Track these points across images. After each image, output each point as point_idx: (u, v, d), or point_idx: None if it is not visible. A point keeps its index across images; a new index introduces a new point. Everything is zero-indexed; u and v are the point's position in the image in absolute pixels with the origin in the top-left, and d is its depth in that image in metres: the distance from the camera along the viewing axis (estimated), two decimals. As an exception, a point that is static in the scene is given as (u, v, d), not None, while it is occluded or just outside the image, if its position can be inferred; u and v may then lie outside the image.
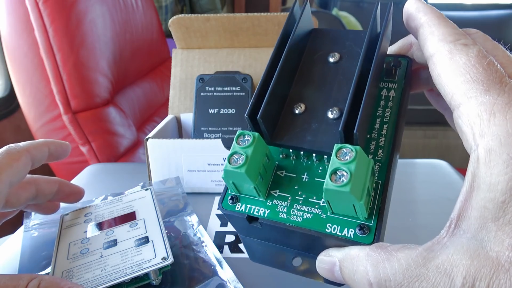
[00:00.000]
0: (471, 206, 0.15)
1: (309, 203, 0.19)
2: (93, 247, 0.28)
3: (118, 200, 0.33)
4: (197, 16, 0.47)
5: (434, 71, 0.17)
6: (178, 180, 0.40)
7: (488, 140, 0.14)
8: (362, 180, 0.17)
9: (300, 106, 0.20)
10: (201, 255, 0.30)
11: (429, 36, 0.17)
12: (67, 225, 0.31)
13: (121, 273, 0.25)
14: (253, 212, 0.20)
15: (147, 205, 0.32)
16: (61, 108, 0.74)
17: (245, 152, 0.18)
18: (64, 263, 0.27)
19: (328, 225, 0.18)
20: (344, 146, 0.17)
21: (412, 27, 0.19)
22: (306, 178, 0.20)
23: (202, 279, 0.27)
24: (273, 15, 0.46)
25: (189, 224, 0.33)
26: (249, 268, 0.29)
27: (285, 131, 0.20)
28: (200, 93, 0.46)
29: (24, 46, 0.73)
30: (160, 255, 0.26)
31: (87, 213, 0.32)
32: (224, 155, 0.40)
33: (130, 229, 0.29)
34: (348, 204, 0.17)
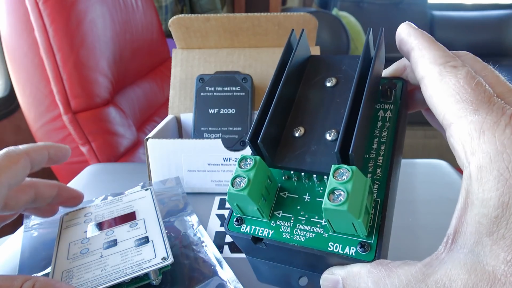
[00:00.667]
0: (466, 222, 0.15)
1: (311, 223, 0.20)
2: (93, 247, 0.28)
3: (118, 200, 0.33)
4: (197, 16, 0.47)
5: (426, 92, 0.18)
6: (178, 180, 0.40)
7: (479, 158, 0.15)
8: (360, 199, 0.18)
9: (299, 129, 0.21)
10: (201, 255, 0.30)
11: (420, 59, 0.18)
12: (67, 225, 0.31)
13: (121, 273, 0.25)
14: (258, 233, 0.20)
15: (147, 205, 0.32)
16: (61, 108, 0.74)
17: (247, 175, 0.19)
18: (64, 263, 0.27)
19: (330, 244, 0.19)
20: (340, 166, 0.18)
21: (404, 50, 0.20)
22: (308, 198, 0.21)
23: (202, 279, 0.27)
24: (273, 15, 0.46)
25: (189, 224, 0.33)
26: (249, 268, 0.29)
27: (286, 154, 0.21)
28: (200, 93, 0.46)
29: (24, 46, 0.73)
30: (160, 255, 0.26)
31: (87, 213, 0.32)
32: (224, 155, 0.40)
33: (130, 229, 0.29)
34: (347, 222, 0.18)
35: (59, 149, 0.30)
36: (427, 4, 2.33)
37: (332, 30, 1.74)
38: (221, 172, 0.41)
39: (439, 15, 2.37)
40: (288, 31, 0.47)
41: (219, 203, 0.40)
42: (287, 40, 0.23)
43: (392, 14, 2.25)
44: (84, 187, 0.46)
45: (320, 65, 0.24)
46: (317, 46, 0.50)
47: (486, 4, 2.49)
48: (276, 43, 0.49)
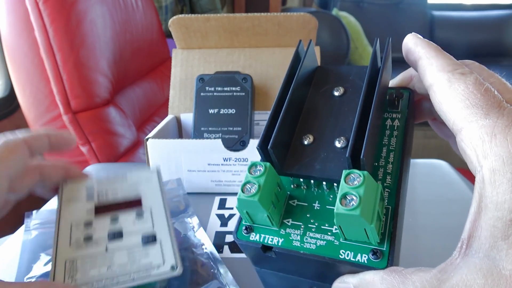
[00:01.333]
0: (480, 226, 0.15)
1: (321, 231, 0.20)
2: (98, 235, 0.26)
3: (122, 179, 0.31)
4: (197, 16, 0.47)
5: (435, 99, 0.18)
6: (180, 181, 0.40)
7: (492, 161, 0.15)
8: (372, 204, 0.18)
9: (308, 137, 0.21)
10: (201, 258, 0.29)
11: (428, 67, 0.18)
12: (68, 197, 0.29)
13: (127, 276, 0.24)
14: (267, 241, 0.20)
15: (154, 191, 0.30)
16: (61, 108, 0.74)
17: (258, 181, 0.19)
18: (67, 250, 0.25)
19: (342, 251, 0.19)
20: (352, 171, 0.18)
21: (412, 60, 0.20)
22: (318, 206, 0.21)
23: (201, 282, 0.27)
24: (273, 15, 0.46)
25: (190, 226, 0.33)
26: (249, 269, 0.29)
27: (295, 161, 0.21)
28: (200, 93, 0.46)
29: (24, 46, 0.73)
30: (169, 262, 0.25)
31: (89, 187, 0.30)
32: (224, 155, 0.40)
33: (136, 220, 0.28)
34: (359, 228, 0.18)
35: (61, 136, 0.29)
36: (427, 4, 2.33)
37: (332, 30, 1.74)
38: (221, 172, 0.41)
39: (439, 15, 2.37)
40: (288, 31, 0.47)
41: (219, 203, 0.40)
42: (295, 51, 0.23)
43: (392, 14, 2.25)
44: (84, 187, 0.46)
45: (327, 75, 0.24)
46: (317, 46, 0.50)
47: (486, 4, 2.49)
48: (276, 43, 0.49)
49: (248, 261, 0.31)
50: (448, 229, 0.33)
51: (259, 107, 0.49)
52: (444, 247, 0.30)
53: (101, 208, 0.28)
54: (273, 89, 0.49)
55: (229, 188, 0.42)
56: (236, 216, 0.38)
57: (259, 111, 0.49)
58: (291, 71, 0.23)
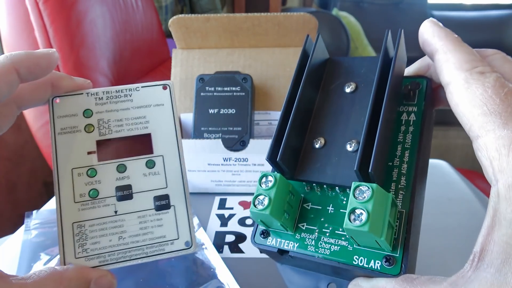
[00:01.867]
0: (493, 241, 0.15)
1: (335, 235, 0.20)
2: (104, 190, 0.23)
3: (126, 98, 0.25)
4: (197, 16, 0.47)
5: (452, 100, 0.17)
6: None
7: (508, 177, 0.14)
8: (381, 217, 0.17)
9: (319, 140, 0.21)
10: (200, 258, 0.29)
11: (445, 64, 0.17)
12: (62, 126, 0.24)
13: (141, 251, 0.23)
14: (283, 246, 0.21)
15: (166, 125, 0.25)
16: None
17: (268, 194, 0.19)
18: (73, 209, 0.23)
19: (355, 257, 0.19)
20: (360, 184, 0.17)
21: (428, 51, 0.19)
22: (332, 209, 0.21)
23: (201, 282, 0.27)
24: (273, 15, 0.46)
25: None
26: (248, 268, 0.29)
27: (307, 167, 0.21)
28: (200, 93, 0.46)
29: (24, 46, 0.73)
30: (183, 236, 0.23)
31: (86, 109, 0.24)
32: (224, 155, 0.40)
33: (146, 171, 0.24)
34: (370, 239, 0.18)
35: (32, 60, 0.22)
36: (427, 4, 2.33)
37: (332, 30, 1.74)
38: (221, 172, 0.41)
39: (439, 15, 2.37)
40: (288, 31, 0.47)
41: (219, 203, 0.40)
42: (302, 47, 0.22)
43: (392, 14, 2.25)
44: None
45: (338, 69, 0.23)
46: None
47: (486, 4, 2.49)
48: (276, 43, 0.49)
49: (249, 261, 0.31)
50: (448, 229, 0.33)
51: (259, 107, 0.49)
52: (444, 247, 0.30)
53: (104, 147, 0.24)
54: (273, 89, 0.49)
55: (229, 188, 0.42)
56: (236, 217, 0.38)
57: (259, 111, 0.49)
58: (300, 69, 0.22)
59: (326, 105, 0.22)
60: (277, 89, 0.49)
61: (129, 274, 0.28)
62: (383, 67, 0.20)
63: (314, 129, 0.22)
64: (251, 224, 0.36)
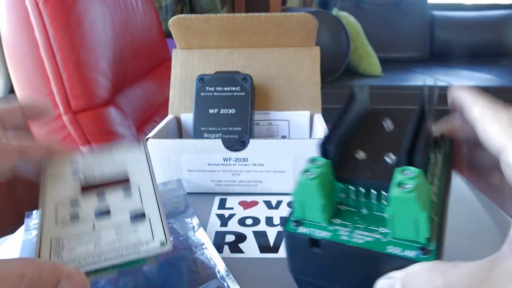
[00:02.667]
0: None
1: (370, 230, 0.21)
2: (84, 214, 0.25)
3: (108, 153, 0.30)
4: (197, 16, 0.47)
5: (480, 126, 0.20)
6: (180, 182, 0.40)
7: None
8: (425, 195, 0.18)
9: (360, 153, 0.23)
10: (201, 258, 0.29)
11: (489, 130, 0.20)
12: (51, 173, 0.28)
13: (116, 253, 0.23)
14: (316, 234, 0.21)
15: (141, 165, 0.29)
16: (61, 108, 0.74)
17: (318, 170, 0.21)
18: (53, 229, 0.24)
19: (389, 247, 0.19)
20: (406, 168, 0.19)
21: (468, 117, 0.22)
22: (366, 212, 0.22)
23: (201, 282, 0.27)
24: (273, 15, 0.46)
25: (190, 226, 0.33)
26: (248, 269, 0.29)
27: (348, 169, 0.22)
28: (200, 93, 0.46)
29: (24, 46, 0.73)
30: (158, 238, 0.24)
31: (74, 162, 0.29)
32: (224, 155, 0.40)
33: (123, 196, 0.27)
34: (411, 218, 0.18)
35: (35, 105, 0.28)
36: (427, 4, 2.33)
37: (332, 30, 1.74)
38: (221, 172, 0.41)
39: (439, 15, 2.37)
40: (288, 31, 0.47)
41: (219, 203, 0.40)
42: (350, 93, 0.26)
43: (392, 14, 2.25)
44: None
45: (378, 112, 0.27)
46: (317, 46, 0.50)
47: (486, 4, 2.49)
48: (276, 43, 0.49)
49: (249, 261, 0.31)
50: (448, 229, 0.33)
51: (259, 107, 0.49)
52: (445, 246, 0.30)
53: (88, 187, 0.27)
54: (273, 89, 0.49)
55: (229, 188, 0.42)
56: (236, 217, 0.38)
57: (259, 111, 0.49)
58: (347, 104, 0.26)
59: (367, 130, 0.25)
60: (277, 89, 0.49)
61: (129, 274, 0.28)
62: (419, 114, 0.23)
63: (355, 144, 0.24)
64: (251, 224, 0.36)
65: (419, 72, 2.00)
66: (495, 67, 2.09)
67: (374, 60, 1.92)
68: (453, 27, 2.33)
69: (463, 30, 2.32)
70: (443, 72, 2.00)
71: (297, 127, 0.49)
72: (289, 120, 0.49)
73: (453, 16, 2.38)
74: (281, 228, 0.22)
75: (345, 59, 1.79)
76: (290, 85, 0.49)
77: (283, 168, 0.40)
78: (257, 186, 0.42)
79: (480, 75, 1.92)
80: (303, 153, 0.40)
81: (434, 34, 2.32)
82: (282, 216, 0.37)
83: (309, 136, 0.49)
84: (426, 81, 1.82)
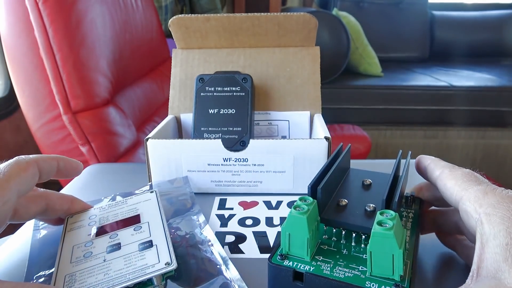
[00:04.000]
0: (485, 258, 0.19)
1: (349, 267, 0.23)
2: (97, 251, 0.27)
3: (123, 203, 0.33)
4: (197, 16, 0.47)
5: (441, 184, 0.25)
6: (186, 179, 0.40)
7: (486, 207, 0.20)
8: (400, 235, 0.21)
9: (344, 201, 0.27)
10: (207, 255, 0.29)
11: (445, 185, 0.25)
12: (71, 227, 0.31)
13: (123, 278, 0.25)
14: (299, 268, 0.23)
15: (152, 208, 0.32)
16: (61, 108, 0.74)
17: (307, 207, 0.23)
18: (67, 267, 0.26)
19: (367, 282, 0.22)
20: (386, 210, 0.22)
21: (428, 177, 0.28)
22: (346, 252, 0.25)
23: (207, 278, 0.27)
24: (273, 15, 0.46)
25: (196, 224, 0.33)
26: (248, 269, 0.29)
27: (332, 212, 0.26)
28: (200, 93, 0.45)
29: (23, 46, 0.73)
30: (163, 260, 0.26)
31: (92, 215, 0.32)
32: (224, 155, 0.40)
33: (134, 232, 0.29)
34: (388, 255, 0.21)
35: (69, 162, 0.30)
36: (427, 4, 2.33)
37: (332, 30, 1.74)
38: (221, 172, 0.41)
39: (439, 15, 2.36)
40: (288, 31, 0.47)
41: (219, 203, 0.40)
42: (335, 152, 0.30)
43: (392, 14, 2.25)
44: (84, 187, 0.46)
45: (358, 172, 0.31)
46: (317, 46, 0.50)
47: (486, 4, 2.49)
48: (276, 43, 0.49)
49: (249, 261, 0.31)
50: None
51: (259, 107, 0.48)
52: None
53: (102, 228, 0.30)
54: (273, 89, 0.49)
55: (229, 189, 0.42)
56: (236, 217, 0.38)
57: (259, 111, 0.49)
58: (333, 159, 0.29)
59: (348, 185, 0.29)
60: (277, 89, 0.49)
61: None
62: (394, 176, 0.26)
63: (339, 194, 0.28)
64: (251, 225, 0.36)
65: (419, 72, 2.00)
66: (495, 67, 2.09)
67: (374, 60, 1.92)
68: (453, 27, 2.33)
69: (463, 30, 2.32)
70: (443, 72, 2.00)
71: (297, 127, 0.49)
72: (289, 120, 0.49)
73: (453, 16, 2.38)
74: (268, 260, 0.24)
75: (345, 59, 1.79)
76: (290, 85, 0.49)
77: (283, 168, 0.40)
78: (257, 187, 0.41)
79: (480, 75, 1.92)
80: (303, 153, 0.39)
81: (434, 34, 2.32)
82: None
83: (309, 136, 0.49)
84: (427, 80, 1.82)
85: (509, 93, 1.73)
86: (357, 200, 0.27)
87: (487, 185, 0.22)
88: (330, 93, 1.70)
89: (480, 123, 1.76)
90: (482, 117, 1.75)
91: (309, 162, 0.40)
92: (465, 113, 1.74)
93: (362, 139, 1.32)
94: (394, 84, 1.77)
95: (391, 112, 1.77)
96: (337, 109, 1.75)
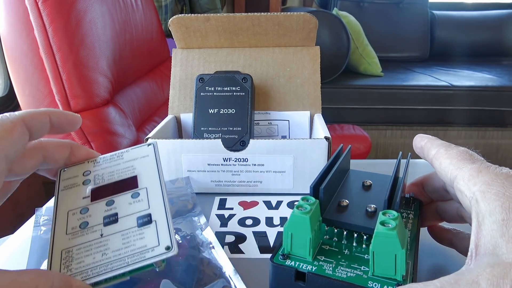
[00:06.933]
0: (482, 235, 0.19)
1: (351, 267, 0.23)
2: (93, 221, 0.26)
3: (119, 157, 0.30)
4: (197, 16, 0.46)
5: (436, 163, 0.24)
6: (188, 180, 0.40)
7: (480, 185, 0.20)
8: (403, 236, 0.21)
9: (345, 201, 0.27)
10: (208, 257, 0.29)
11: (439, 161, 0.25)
12: (65, 185, 0.28)
13: (122, 261, 0.24)
14: (302, 267, 0.23)
15: (150, 168, 0.29)
16: (61, 108, 0.74)
17: (310, 207, 0.23)
18: (63, 240, 0.25)
19: (370, 282, 0.22)
20: (388, 211, 0.22)
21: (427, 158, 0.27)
22: (347, 252, 0.25)
23: (207, 281, 0.27)
24: (273, 15, 0.46)
25: (197, 225, 0.33)
26: (248, 269, 0.29)
27: (333, 212, 0.26)
28: (200, 93, 0.45)
29: (23, 46, 0.73)
30: (164, 243, 0.24)
31: (86, 171, 0.29)
32: (224, 155, 0.40)
33: (132, 200, 0.27)
34: (391, 255, 0.21)
35: (64, 115, 0.26)
36: (427, 3, 2.33)
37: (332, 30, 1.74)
38: (221, 172, 0.41)
39: (439, 14, 2.36)
40: (288, 31, 0.47)
41: (219, 203, 0.40)
42: (335, 154, 0.30)
43: (392, 14, 2.24)
44: (83, 187, 0.46)
45: (358, 173, 0.32)
46: (317, 46, 0.50)
47: (486, 3, 2.48)
48: (276, 43, 0.49)
49: (248, 261, 0.31)
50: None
51: (259, 107, 0.48)
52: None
53: (97, 192, 0.28)
54: (273, 89, 0.49)
55: (229, 188, 0.42)
56: (236, 217, 0.38)
57: (259, 111, 0.49)
58: (333, 160, 0.29)
59: (349, 186, 0.29)
60: (277, 89, 0.49)
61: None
62: (394, 178, 0.26)
63: (340, 194, 0.28)
64: (251, 225, 0.36)
65: (419, 72, 2.00)
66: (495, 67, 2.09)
67: (374, 60, 1.92)
68: (454, 27, 2.33)
69: (463, 30, 2.32)
70: (443, 72, 2.00)
71: (297, 127, 0.49)
72: (289, 120, 0.49)
73: (454, 15, 2.38)
74: (270, 260, 0.24)
75: (345, 59, 1.79)
76: (290, 85, 0.49)
77: (283, 168, 0.40)
78: (257, 186, 0.41)
79: (480, 75, 1.92)
80: (303, 153, 0.39)
81: (434, 33, 2.32)
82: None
83: (309, 136, 0.49)
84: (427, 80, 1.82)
85: (509, 93, 1.72)
86: (358, 201, 0.27)
87: (481, 163, 0.22)
88: (330, 93, 1.70)
89: (480, 123, 1.76)
90: (482, 117, 1.75)
91: (309, 162, 0.40)
92: (465, 113, 1.74)
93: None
94: (394, 84, 1.77)
95: (391, 112, 1.77)
96: (337, 109, 1.75)
